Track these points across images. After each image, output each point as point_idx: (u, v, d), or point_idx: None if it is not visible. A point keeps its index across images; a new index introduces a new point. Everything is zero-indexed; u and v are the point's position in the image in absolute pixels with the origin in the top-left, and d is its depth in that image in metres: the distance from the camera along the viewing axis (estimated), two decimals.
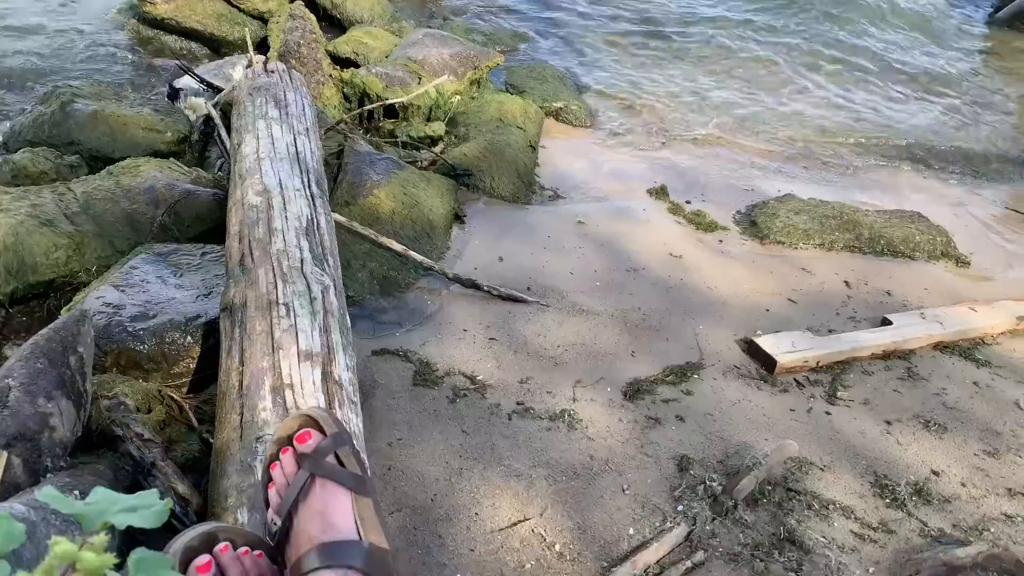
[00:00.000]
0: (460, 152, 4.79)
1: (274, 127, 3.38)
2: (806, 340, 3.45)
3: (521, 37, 6.99)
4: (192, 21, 5.46)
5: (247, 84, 3.80)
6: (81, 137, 4.02)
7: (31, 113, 4.15)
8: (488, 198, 4.54)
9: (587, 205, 4.58)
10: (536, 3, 7.78)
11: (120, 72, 5.15)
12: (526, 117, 5.37)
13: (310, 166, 3.27)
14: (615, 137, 5.70)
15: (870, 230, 4.51)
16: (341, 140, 4.47)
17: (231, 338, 2.38)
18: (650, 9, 8.06)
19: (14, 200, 3.21)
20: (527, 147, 5.08)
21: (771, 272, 4.11)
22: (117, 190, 3.45)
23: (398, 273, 3.68)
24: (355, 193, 3.98)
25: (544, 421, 2.85)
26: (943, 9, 9.23)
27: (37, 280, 3.07)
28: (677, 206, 4.67)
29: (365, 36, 5.73)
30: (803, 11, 8.49)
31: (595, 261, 3.98)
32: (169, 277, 3.05)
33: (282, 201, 2.91)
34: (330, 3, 6.21)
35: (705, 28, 7.78)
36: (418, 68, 5.41)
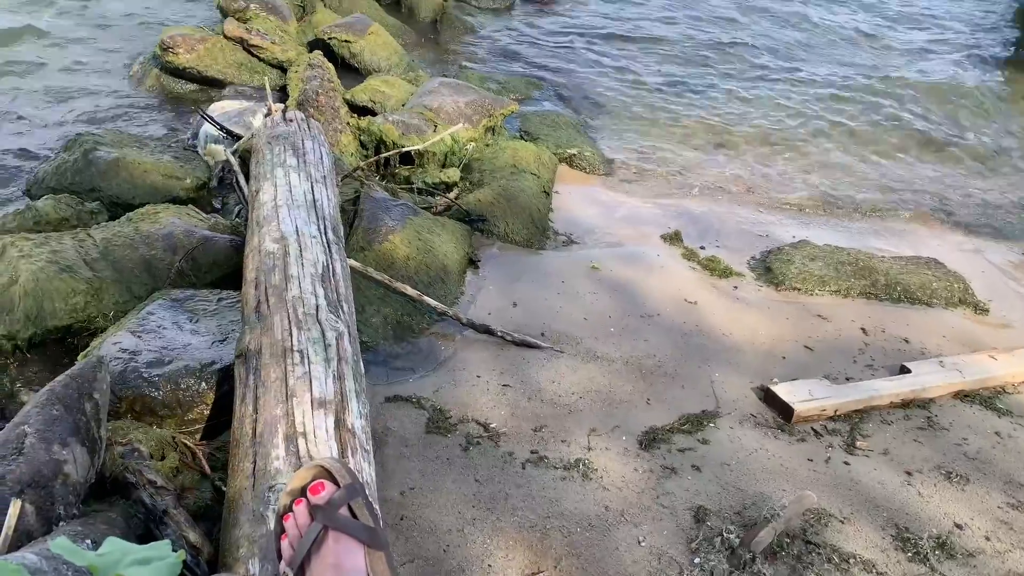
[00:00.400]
0: (474, 198, 4.84)
1: (292, 175, 3.43)
2: (823, 388, 3.41)
3: (535, 85, 7.09)
4: (213, 70, 5.58)
5: (266, 132, 3.87)
6: (102, 184, 4.09)
7: (54, 160, 4.23)
8: (502, 243, 4.56)
9: (601, 250, 4.59)
10: (550, 53, 7.90)
11: (142, 120, 5.25)
12: (540, 163, 5.42)
13: (327, 213, 3.30)
14: (629, 183, 5.73)
15: (886, 277, 4.48)
16: (357, 187, 4.53)
17: (245, 385, 2.38)
18: (664, 59, 8.16)
19: (35, 246, 3.26)
20: (541, 193, 5.11)
21: (787, 319, 4.09)
22: (136, 236, 3.50)
23: (412, 318, 3.68)
24: (370, 239, 4.01)
25: (558, 470, 2.82)
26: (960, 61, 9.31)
27: (55, 325, 3.10)
28: (691, 252, 4.67)
29: (382, 85, 5.83)
30: (815, 54, 8.58)
31: (609, 307, 3.97)
32: (185, 323, 3.07)
33: (298, 248, 2.94)
34: (348, 53, 6.34)
35: (719, 79, 7.86)
36: (434, 116, 5.49)
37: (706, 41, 8.81)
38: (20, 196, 4.26)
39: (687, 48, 8.54)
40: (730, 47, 8.72)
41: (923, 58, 9.04)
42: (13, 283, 3.11)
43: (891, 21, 10.43)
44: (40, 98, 5.42)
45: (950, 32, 10.16)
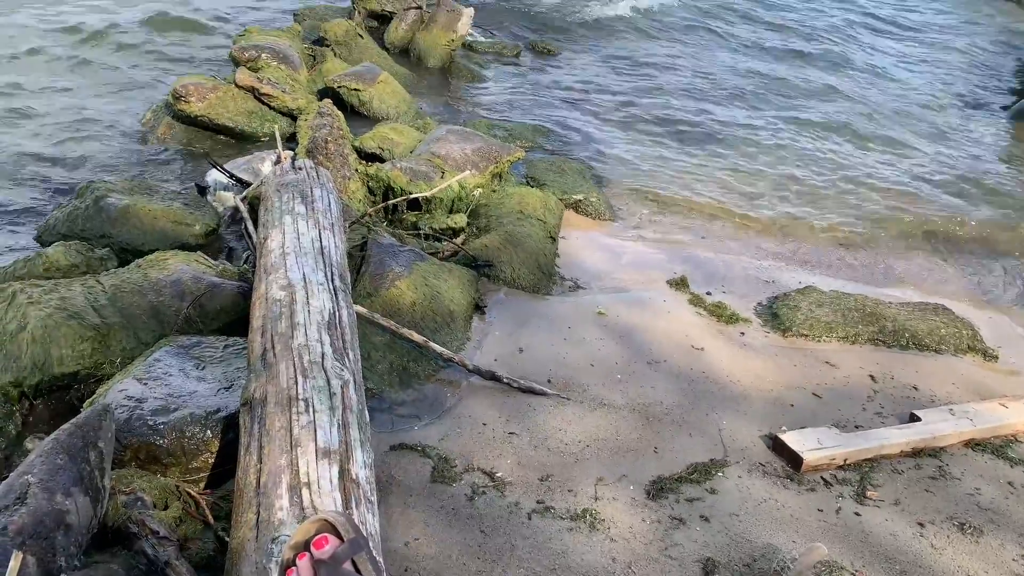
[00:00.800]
0: (481, 243, 4.86)
1: (300, 222, 3.46)
2: (832, 437, 3.38)
3: (541, 132, 7.17)
4: (224, 118, 5.67)
5: (275, 180, 3.91)
6: (113, 230, 4.13)
7: (66, 207, 4.29)
8: (508, 289, 4.57)
9: (607, 296, 4.60)
10: (556, 100, 8.00)
11: (153, 167, 5.33)
12: (546, 209, 5.46)
13: (334, 260, 3.32)
14: (634, 228, 5.75)
15: (894, 323, 4.47)
16: (365, 232, 4.56)
17: (250, 434, 2.38)
18: (669, 106, 8.26)
19: (44, 293, 3.29)
20: (547, 238, 5.14)
21: (794, 365, 4.07)
22: (144, 283, 3.52)
23: (418, 364, 3.68)
24: (377, 285, 4.03)
25: (565, 521, 2.78)
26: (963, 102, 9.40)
27: (62, 372, 3.10)
28: (697, 297, 4.67)
29: (391, 132, 5.90)
30: (813, 96, 8.68)
31: (616, 353, 3.96)
32: (191, 370, 3.07)
33: (305, 295, 2.95)
34: (358, 101, 6.44)
35: (726, 126, 7.94)
36: (441, 163, 5.54)
37: (712, 89, 8.92)
38: (31, 242, 4.30)
39: (693, 96, 8.64)
40: (737, 93, 8.83)
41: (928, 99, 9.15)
42: (21, 330, 3.12)
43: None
44: (52, 145, 5.51)
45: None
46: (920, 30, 12.64)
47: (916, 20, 13.16)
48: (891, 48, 11.52)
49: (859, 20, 12.67)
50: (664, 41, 10.50)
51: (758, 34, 11.26)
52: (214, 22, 8.53)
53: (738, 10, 12.32)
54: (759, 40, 10.94)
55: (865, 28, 12.30)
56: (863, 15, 12.99)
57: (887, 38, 11.99)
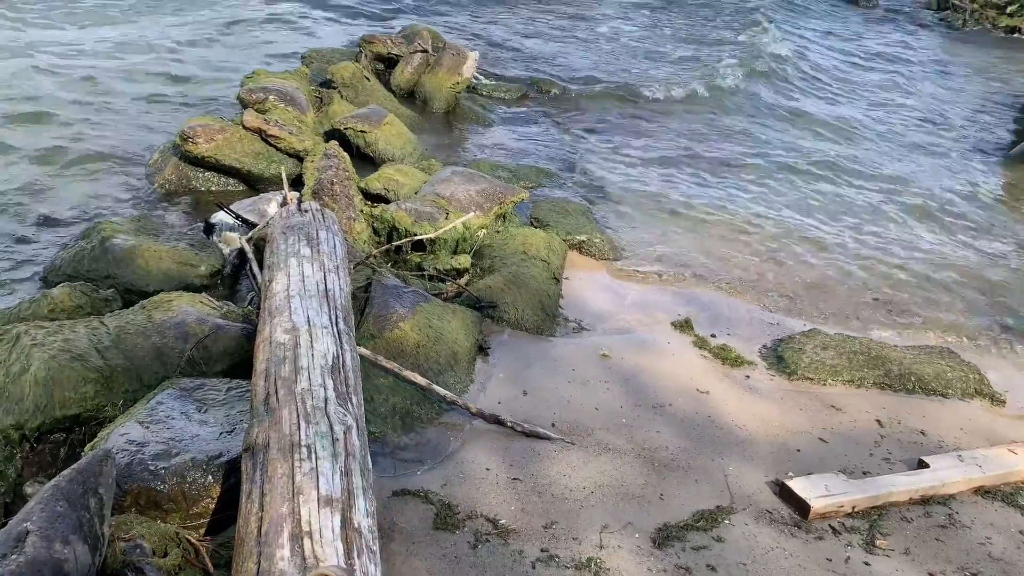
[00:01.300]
0: (485, 284, 4.87)
1: (305, 265, 3.47)
2: (840, 483, 3.33)
3: (545, 173, 7.22)
4: (231, 159, 5.72)
5: (281, 223, 3.93)
6: (118, 271, 4.15)
7: (72, 248, 4.31)
8: (512, 330, 4.56)
9: (611, 338, 4.59)
10: (560, 142, 8.06)
11: (159, 208, 5.36)
12: (550, 250, 5.47)
13: (338, 303, 3.32)
14: (638, 269, 5.75)
15: (899, 367, 4.44)
16: (369, 273, 4.57)
17: (252, 481, 2.36)
18: (672, 147, 8.32)
19: (49, 335, 3.29)
20: (551, 279, 5.14)
21: (800, 409, 4.04)
22: (148, 325, 3.52)
23: (421, 407, 3.66)
24: (381, 326, 4.03)
25: (569, 570, 2.74)
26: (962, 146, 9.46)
27: (64, 415, 3.09)
28: (702, 340, 4.66)
29: (396, 173, 5.94)
30: (820, 139, 8.75)
31: (620, 396, 3.94)
32: (194, 413, 3.05)
33: (309, 339, 2.95)
34: (363, 142, 6.50)
35: (731, 169, 8.00)
36: (446, 204, 5.57)
37: (717, 130, 9.00)
38: (37, 283, 4.31)
39: (697, 137, 8.71)
40: (743, 132, 8.90)
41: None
42: (24, 372, 3.12)
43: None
44: (60, 185, 5.54)
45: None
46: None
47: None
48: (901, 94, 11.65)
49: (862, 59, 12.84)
50: (666, 82, 10.62)
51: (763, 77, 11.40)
52: (223, 67, 8.66)
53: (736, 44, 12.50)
54: (765, 76, 11.06)
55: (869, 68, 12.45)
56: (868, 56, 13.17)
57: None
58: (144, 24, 9.74)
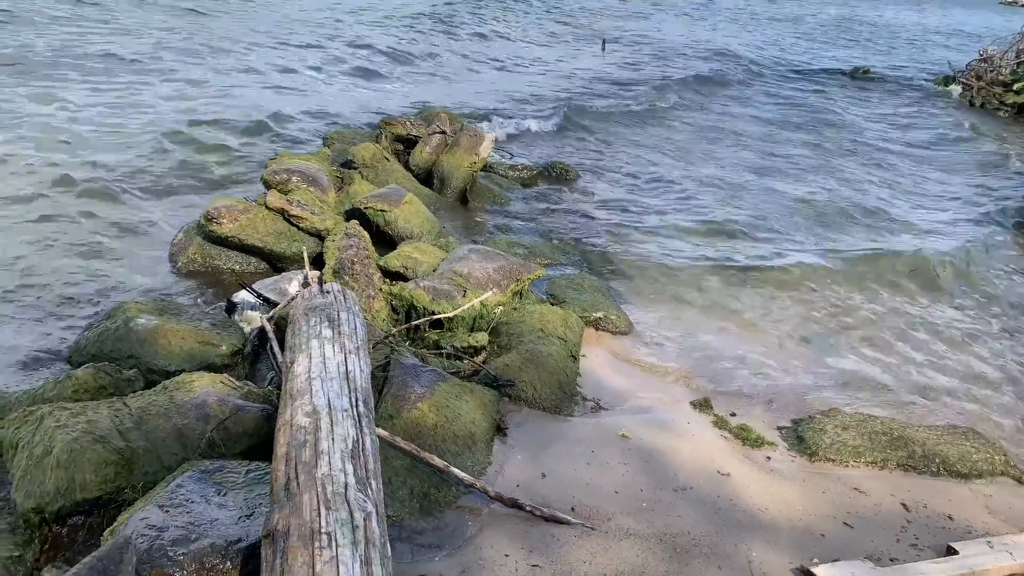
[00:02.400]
0: (502, 362, 4.88)
1: (326, 347, 3.51)
2: (867, 571, 3.26)
3: (560, 249, 7.31)
4: (254, 239, 5.84)
5: (303, 304, 4.00)
6: (141, 351, 4.20)
7: (97, 328, 4.38)
8: (530, 409, 4.55)
9: (630, 417, 4.56)
10: (574, 220, 8.19)
11: (183, 287, 5.46)
12: (567, 327, 5.49)
13: (358, 385, 3.35)
14: (656, 346, 5.76)
15: (923, 447, 4.38)
16: (388, 352, 4.60)
17: (272, 569, 2.34)
18: (688, 223, 8.43)
19: (72, 416, 3.32)
20: (568, 357, 5.15)
21: (823, 492, 3.97)
22: (170, 406, 3.56)
23: (439, 490, 3.63)
24: (399, 407, 4.04)
25: None
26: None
27: (84, 498, 3.10)
28: (721, 419, 4.62)
29: (414, 251, 6.04)
30: (832, 226, 8.83)
31: (640, 479, 3.90)
32: (213, 496, 3.05)
33: (330, 422, 2.96)
34: (383, 221, 6.62)
35: (741, 243, 8.07)
36: (463, 281, 5.64)
37: (730, 207, 9.12)
38: (62, 363, 4.37)
39: (709, 214, 8.82)
40: (759, 215, 9.01)
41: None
42: (47, 454, 3.14)
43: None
44: (86, 263, 5.66)
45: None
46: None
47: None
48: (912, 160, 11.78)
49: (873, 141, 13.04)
50: (680, 161, 10.82)
51: (777, 146, 11.59)
52: (247, 147, 8.93)
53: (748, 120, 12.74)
54: (784, 153, 11.24)
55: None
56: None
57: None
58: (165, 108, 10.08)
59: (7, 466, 3.27)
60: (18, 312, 4.90)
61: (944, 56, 23.98)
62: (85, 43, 12.68)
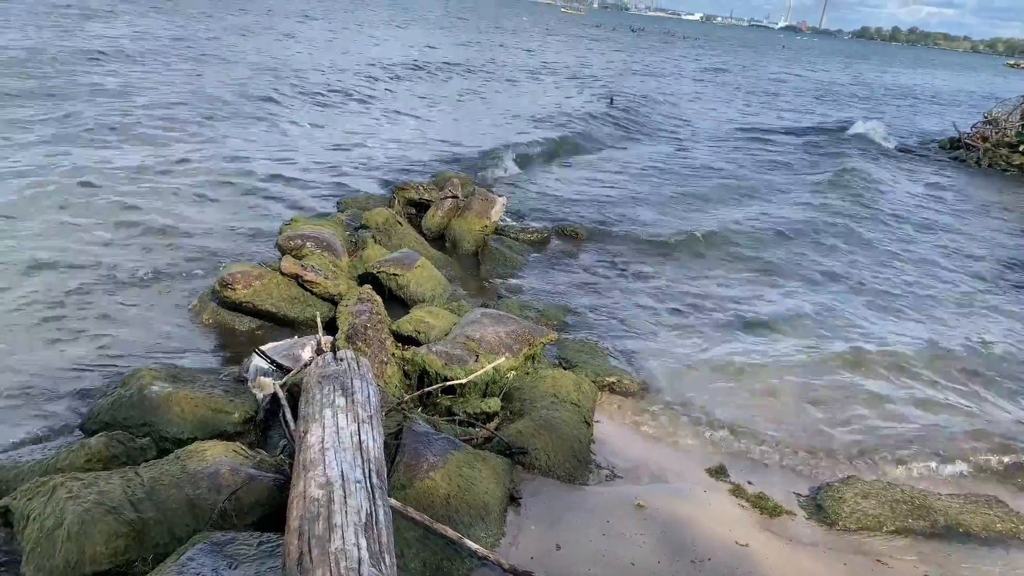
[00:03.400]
0: (515, 429, 4.84)
1: (340, 416, 3.50)
2: None
3: (572, 312, 7.32)
4: (268, 304, 5.89)
5: (317, 371, 4.00)
6: (154, 419, 4.20)
7: (111, 395, 4.39)
8: (544, 477, 4.50)
9: (645, 486, 4.50)
10: (586, 281, 8.22)
11: (198, 353, 5.48)
12: (580, 392, 5.46)
13: (372, 455, 3.33)
14: (670, 410, 5.70)
15: (945, 516, 4.29)
16: (400, 419, 4.58)
17: None
18: (699, 288, 8.44)
19: (84, 487, 3.31)
20: (581, 423, 5.11)
21: (844, 564, 3.89)
22: (182, 475, 3.53)
23: (451, 563, 3.57)
24: (411, 476, 4.00)
25: None
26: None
27: (94, 571, 3.06)
28: (738, 487, 4.55)
29: (427, 315, 6.06)
30: (845, 286, 8.84)
31: (657, 550, 3.82)
32: (224, 569, 3.01)
33: (343, 494, 2.94)
34: (396, 285, 6.67)
35: (747, 302, 8.07)
36: (475, 346, 5.64)
37: (733, 267, 9.15)
38: (75, 431, 4.36)
39: (717, 279, 8.84)
40: (765, 270, 9.03)
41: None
42: (58, 526, 3.12)
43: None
44: (101, 329, 5.70)
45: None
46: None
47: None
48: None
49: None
50: (687, 224, 10.89)
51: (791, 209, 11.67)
52: (263, 214, 9.06)
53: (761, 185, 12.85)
54: (794, 213, 11.32)
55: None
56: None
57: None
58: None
59: (18, 538, 3.24)
60: (31, 379, 4.92)
61: (948, 117, 24.26)
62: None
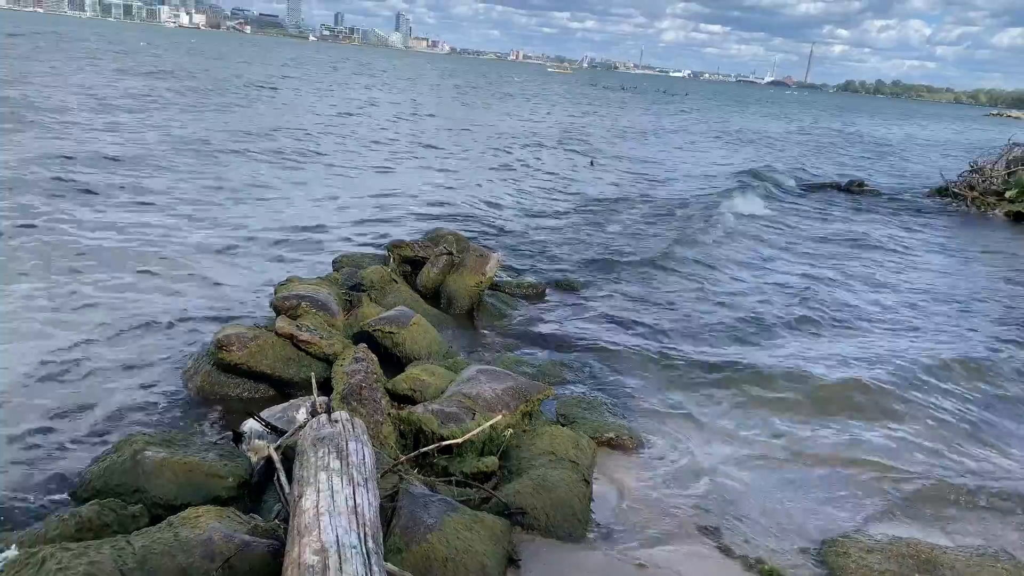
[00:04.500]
0: (514, 488, 4.78)
1: (335, 479, 3.46)
2: None
3: (568, 367, 7.29)
4: (263, 365, 5.86)
5: (311, 433, 3.96)
6: (147, 485, 4.14)
7: (104, 461, 4.33)
8: (543, 538, 4.43)
9: (646, 550, 4.42)
10: (581, 336, 8.21)
11: (191, 416, 5.43)
12: (578, 449, 5.41)
13: (367, 519, 3.28)
14: (668, 466, 5.65)
15: (952, 570, 4.22)
16: (396, 481, 4.51)
17: None
18: (696, 344, 8.45)
19: (74, 557, 3.24)
20: (580, 481, 5.05)
21: None
22: (175, 543, 3.46)
23: None
24: (408, 539, 3.93)
25: None
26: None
27: None
28: (734, 546, 4.48)
29: (422, 373, 6.03)
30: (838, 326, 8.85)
31: None
32: None
33: (338, 560, 2.89)
34: (391, 343, 6.65)
35: (755, 350, 8.07)
36: (472, 403, 5.60)
37: (737, 320, 9.16)
38: (65, 498, 4.30)
39: (717, 334, 8.85)
40: (767, 327, 9.04)
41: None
42: None
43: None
44: (95, 393, 5.66)
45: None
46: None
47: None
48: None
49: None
50: (688, 280, 10.95)
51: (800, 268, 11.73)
52: (260, 278, 9.09)
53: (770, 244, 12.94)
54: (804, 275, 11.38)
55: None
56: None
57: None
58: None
59: None
60: (25, 444, 4.86)
61: (933, 166, 24.63)
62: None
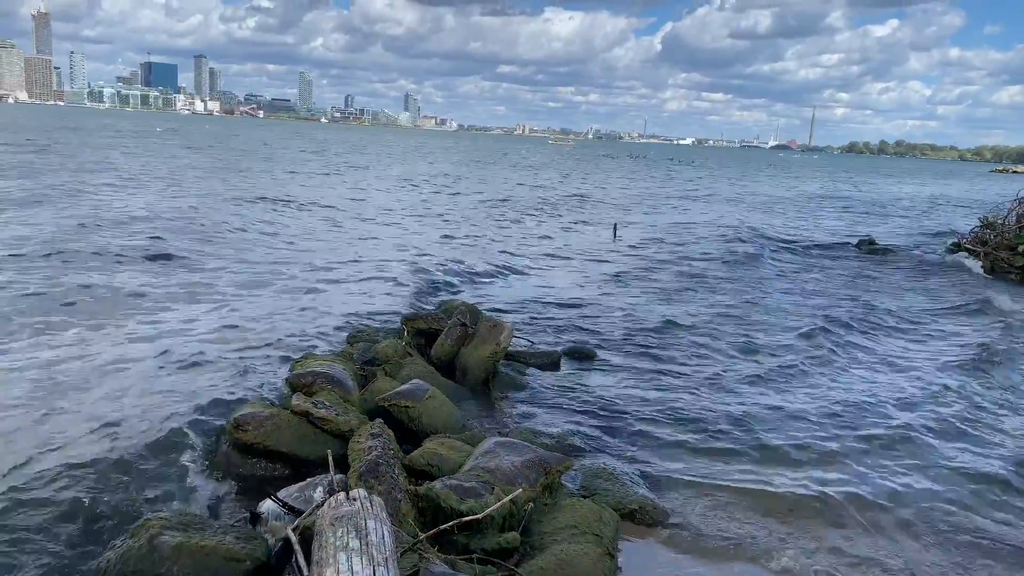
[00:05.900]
0: (536, 566, 4.66)
1: (354, 560, 3.39)
2: None
3: (587, 436, 7.20)
4: (280, 444, 5.81)
5: (330, 513, 3.90)
6: (163, 571, 4.06)
7: (120, 548, 4.27)
8: None
9: None
10: (598, 403, 8.13)
11: (208, 498, 5.37)
12: (601, 522, 5.29)
13: None
14: (694, 537, 5.53)
15: None
16: (416, 560, 4.41)
17: None
18: (708, 414, 8.35)
19: None
20: (604, 555, 4.92)
21: None
22: None
23: None
24: None
25: None
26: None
27: None
28: None
29: (440, 447, 5.97)
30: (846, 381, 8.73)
31: None
32: None
33: None
34: (407, 417, 6.60)
35: (772, 435, 7.95)
36: (491, 477, 5.51)
37: (743, 395, 9.07)
38: None
39: (727, 406, 8.76)
40: (776, 408, 8.94)
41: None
42: None
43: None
44: (108, 476, 5.60)
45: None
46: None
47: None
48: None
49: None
50: (702, 351, 10.89)
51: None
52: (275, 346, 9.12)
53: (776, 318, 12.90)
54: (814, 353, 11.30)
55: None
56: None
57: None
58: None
59: None
60: (36, 535, 4.80)
61: (943, 223, 24.68)
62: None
